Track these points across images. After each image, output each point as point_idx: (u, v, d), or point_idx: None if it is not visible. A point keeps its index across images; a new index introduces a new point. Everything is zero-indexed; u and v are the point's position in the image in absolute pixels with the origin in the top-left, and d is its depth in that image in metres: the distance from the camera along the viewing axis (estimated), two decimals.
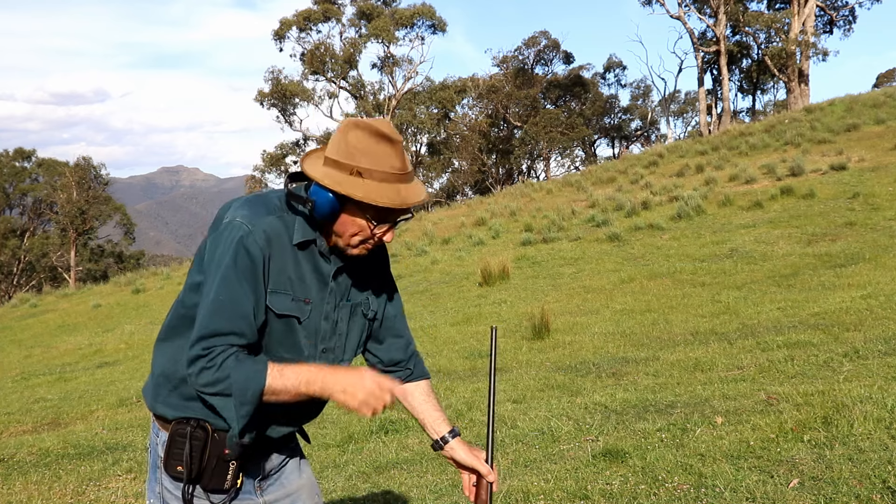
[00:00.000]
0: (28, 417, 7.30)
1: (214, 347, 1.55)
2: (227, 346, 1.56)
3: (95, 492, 4.35)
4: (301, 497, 1.83)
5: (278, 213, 1.66)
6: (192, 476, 1.64)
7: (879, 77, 55.51)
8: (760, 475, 3.31)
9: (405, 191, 1.63)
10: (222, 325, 1.56)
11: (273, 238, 1.63)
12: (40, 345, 15.46)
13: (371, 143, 1.60)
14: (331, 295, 1.73)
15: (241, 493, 1.72)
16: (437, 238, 18.67)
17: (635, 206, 16.50)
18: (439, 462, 4.20)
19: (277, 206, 1.67)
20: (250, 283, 1.59)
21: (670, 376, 5.52)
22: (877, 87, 38.27)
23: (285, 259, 1.65)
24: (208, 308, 1.57)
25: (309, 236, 1.67)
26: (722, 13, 33.69)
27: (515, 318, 9.46)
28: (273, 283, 1.63)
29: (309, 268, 1.69)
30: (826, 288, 8.37)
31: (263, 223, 1.62)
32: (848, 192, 13.91)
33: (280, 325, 1.66)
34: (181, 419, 1.65)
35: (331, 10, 40.97)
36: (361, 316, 1.81)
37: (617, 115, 51.79)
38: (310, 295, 1.69)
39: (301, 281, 1.67)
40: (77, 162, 44.99)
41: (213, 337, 1.55)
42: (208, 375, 1.54)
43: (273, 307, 1.63)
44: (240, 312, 1.57)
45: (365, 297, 1.82)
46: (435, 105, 43.19)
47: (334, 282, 1.73)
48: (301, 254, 1.67)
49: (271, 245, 1.62)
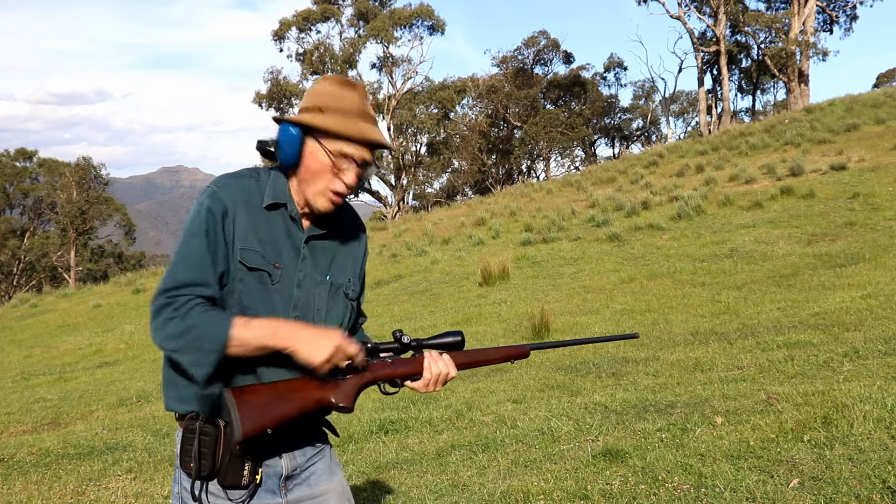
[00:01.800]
0: (28, 417, 7.29)
1: (179, 297, 1.55)
2: (192, 297, 1.55)
3: (95, 492, 4.35)
4: (329, 501, 1.78)
5: (248, 179, 1.70)
6: (202, 473, 1.62)
7: (879, 77, 55.53)
8: (760, 475, 3.31)
9: (364, 126, 1.67)
10: (186, 276, 1.57)
11: (240, 198, 1.66)
12: (40, 345, 15.46)
13: (334, 88, 1.69)
14: (303, 262, 1.72)
15: (263, 490, 1.69)
16: (437, 238, 18.67)
17: (635, 206, 16.50)
18: (439, 462, 4.21)
19: (247, 174, 1.72)
20: (212, 237, 1.61)
21: (670, 376, 5.52)
22: (877, 87, 38.27)
23: (255, 220, 1.67)
24: (172, 262, 1.60)
25: (280, 199, 1.70)
26: (722, 13, 33.68)
27: (515, 318, 9.45)
28: (242, 240, 1.64)
29: (281, 232, 1.70)
30: (826, 288, 8.37)
31: (231, 184, 1.67)
32: (848, 192, 13.91)
33: (253, 279, 1.65)
34: (192, 415, 1.64)
35: (330, 11, 40.96)
36: (343, 297, 1.80)
37: (617, 115, 51.80)
38: (280, 260, 1.69)
39: (272, 245, 1.68)
40: (77, 162, 45.00)
41: (178, 288, 1.56)
42: (173, 326, 1.53)
43: (245, 261, 1.64)
44: (202, 263, 1.59)
45: (347, 279, 1.81)
46: (435, 105, 43.16)
47: (306, 248, 1.73)
48: (272, 216, 1.69)
49: (238, 204, 1.65)
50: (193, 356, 1.53)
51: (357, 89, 1.69)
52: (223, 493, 1.65)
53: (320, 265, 1.76)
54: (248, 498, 1.66)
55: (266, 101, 41.45)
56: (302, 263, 1.72)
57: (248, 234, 1.65)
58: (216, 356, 1.53)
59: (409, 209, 42.45)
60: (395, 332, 1.74)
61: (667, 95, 49.12)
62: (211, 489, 1.65)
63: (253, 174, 1.72)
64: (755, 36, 35.53)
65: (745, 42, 39.19)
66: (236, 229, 1.64)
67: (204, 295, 1.57)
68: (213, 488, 1.65)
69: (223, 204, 1.63)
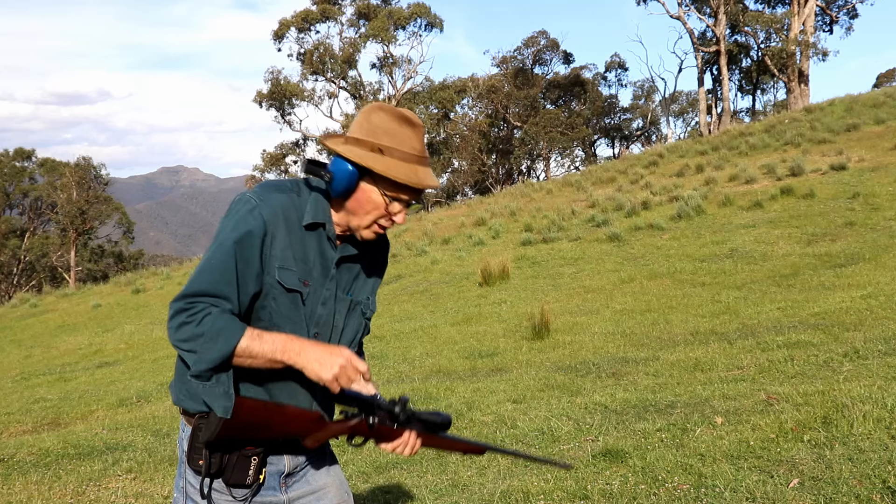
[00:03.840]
0: (28, 417, 7.29)
1: (197, 304, 1.55)
2: (210, 306, 1.55)
3: (95, 492, 4.35)
4: (328, 494, 1.81)
5: (290, 193, 1.69)
6: (210, 470, 1.64)
7: (879, 77, 55.52)
8: (760, 475, 3.31)
9: (422, 173, 1.67)
10: (210, 286, 1.56)
11: (281, 214, 1.65)
12: (40, 345, 15.46)
13: (394, 125, 1.65)
14: (331, 282, 1.74)
15: (265, 488, 1.71)
16: (437, 238, 18.66)
17: (635, 206, 16.50)
18: (439, 462, 4.21)
19: (289, 187, 1.71)
20: (246, 255, 1.60)
21: (670, 376, 5.52)
22: (877, 87, 38.27)
23: (292, 237, 1.67)
24: (200, 268, 1.59)
25: (319, 219, 1.69)
26: (722, 13, 33.68)
27: (515, 318, 9.45)
28: (280, 259, 1.64)
29: (314, 251, 1.70)
30: (826, 288, 8.37)
31: (273, 199, 1.66)
32: (848, 192, 13.90)
33: (288, 300, 1.67)
34: (204, 413, 1.65)
35: (329, 11, 40.96)
36: (360, 314, 1.83)
37: (617, 116, 51.81)
38: (310, 278, 1.70)
39: (304, 262, 1.69)
40: (77, 162, 44.99)
41: (199, 295, 1.56)
42: (187, 331, 1.53)
43: (283, 282, 1.64)
44: (228, 279, 1.58)
45: (366, 297, 1.83)
46: (435, 105, 43.17)
47: (336, 270, 1.74)
48: (308, 235, 1.69)
49: (278, 221, 1.64)
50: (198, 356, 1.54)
51: (416, 129, 1.67)
52: (227, 490, 1.67)
53: (344, 282, 1.77)
54: (251, 496, 1.69)
55: (267, 100, 41.45)
56: (330, 283, 1.74)
57: (286, 252, 1.66)
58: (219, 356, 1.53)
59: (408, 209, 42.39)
60: (403, 398, 1.70)
61: (667, 95, 49.18)
62: (215, 486, 1.67)
63: (294, 188, 1.71)
64: (755, 36, 35.52)
65: (745, 42, 39.19)
66: (274, 248, 1.64)
67: (224, 308, 1.58)
68: (217, 485, 1.67)
69: (263, 223, 1.62)
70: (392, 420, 1.69)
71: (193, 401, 1.66)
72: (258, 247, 1.61)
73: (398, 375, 7.22)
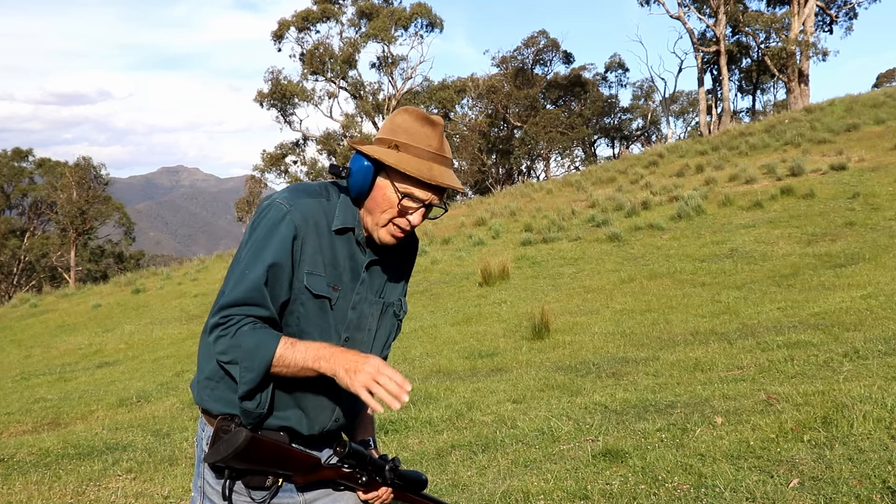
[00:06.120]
0: (28, 417, 7.29)
1: (232, 316, 1.57)
2: (245, 317, 1.57)
3: (95, 492, 4.35)
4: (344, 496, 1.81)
5: (319, 198, 1.70)
6: (231, 473, 1.65)
7: (879, 77, 55.53)
8: (760, 475, 3.31)
9: (437, 170, 1.65)
10: (244, 295, 1.58)
11: (311, 220, 1.66)
12: (40, 345, 15.45)
13: (414, 124, 1.67)
14: (361, 285, 1.74)
15: (282, 490, 1.72)
16: (437, 238, 18.66)
17: (635, 206, 16.50)
18: (439, 462, 4.21)
19: (318, 191, 1.71)
20: (279, 261, 1.61)
21: (670, 376, 5.52)
22: (877, 87, 38.28)
23: (322, 242, 1.68)
24: (235, 279, 1.61)
25: (349, 223, 1.70)
26: (722, 13, 33.68)
27: (515, 318, 9.45)
28: (309, 264, 1.65)
29: (344, 255, 1.71)
30: (826, 288, 8.37)
31: (303, 204, 1.66)
32: (848, 192, 13.91)
33: (315, 306, 1.67)
34: (226, 415, 1.65)
35: (330, 10, 40.96)
36: (392, 316, 1.83)
37: (617, 116, 51.81)
38: (340, 282, 1.70)
39: (333, 267, 1.69)
40: (77, 162, 45.00)
41: (234, 307, 1.58)
42: (223, 343, 1.56)
43: (311, 287, 1.65)
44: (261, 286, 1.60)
45: (397, 298, 1.84)
46: (435, 105, 43.16)
47: (366, 273, 1.75)
48: (338, 240, 1.70)
49: (308, 226, 1.65)
50: (240, 371, 1.56)
51: (436, 127, 1.67)
52: (246, 492, 1.68)
53: (375, 285, 1.78)
54: (269, 497, 1.70)
55: (267, 100, 41.46)
56: (360, 287, 1.74)
57: (316, 257, 1.67)
58: (260, 373, 1.56)
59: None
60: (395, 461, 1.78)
61: (667, 95, 49.18)
62: (235, 487, 1.69)
63: (324, 192, 1.72)
64: (755, 36, 35.53)
65: (745, 42, 39.19)
66: (304, 253, 1.65)
67: (258, 315, 1.59)
68: (236, 486, 1.68)
69: (294, 227, 1.63)
70: (380, 478, 1.77)
71: (217, 402, 1.67)
72: (290, 252, 1.63)
73: None
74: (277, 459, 1.64)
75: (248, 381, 1.56)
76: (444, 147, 1.68)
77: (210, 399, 1.68)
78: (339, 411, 1.76)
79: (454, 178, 1.69)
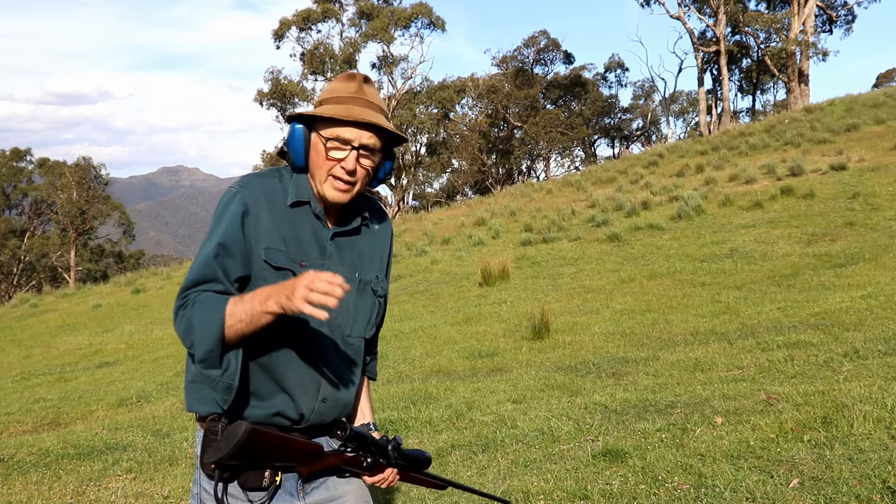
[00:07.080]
0: (28, 417, 7.29)
1: (189, 295, 1.58)
2: (199, 293, 1.58)
3: (95, 492, 4.34)
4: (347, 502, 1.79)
5: (271, 178, 1.73)
6: (223, 475, 1.62)
7: (879, 77, 55.53)
8: (760, 475, 3.31)
9: (357, 110, 1.67)
10: (198, 274, 1.60)
11: (264, 197, 1.68)
12: (40, 345, 15.45)
13: (336, 83, 1.73)
14: (330, 259, 1.74)
15: (283, 492, 1.70)
16: (437, 238, 18.66)
17: (635, 206, 16.50)
18: (439, 462, 4.21)
19: (270, 173, 1.74)
20: (230, 238, 1.62)
21: (670, 376, 5.52)
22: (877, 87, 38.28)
23: (278, 219, 1.68)
24: (193, 264, 1.63)
25: (303, 197, 1.72)
26: (722, 13, 33.68)
27: (515, 318, 9.45)
28: (266, 240, 1.66)
29: (307, 231, 1.72)
30: (826, 288, 8.37)
31: (253, 184, 1.70)
32: (848, 192, 13.91)
33: (278, 278, 1.64)
34: (214, 416, 1.64)
35: (330, 10, 40.95)
36: (371, 293, 1.82)
37: (617, 116, 51.82)
38: (306, 258, 1.69)
39: (297, 242, 1.70)
40: (77, 162, 45.01)
41: (190, 288, 1.59)
42: (183, 322, 1.56)
43: (270, 261, 1.65)
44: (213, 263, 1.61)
45: (375, 276, 1.83)
46: (434, 105, 43.17)
47: (332, 245, 1.74)
48: (297, 214, 1.71)
49: (260, 203, 1.67)
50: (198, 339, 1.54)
51: (355, 78, 1.72)
52: (243, 494, 1.65)
53: (347, 262, 1.77)
54: (267, 499, 1.67)
55: (267, 100, 41.46)
56: (328, 261, 1.73)
57: (273, 232, 1.67)
58: (217, 333, 1.53)
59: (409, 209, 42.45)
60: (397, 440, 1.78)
61: (667, 95, 49.21)
62: (231, 491, 1.65)
63: (275, 174, 1.74)
64: (755, 36, 35.51)
65: (745, 42, 39.20)
66: (259, 228, 1.66)
67: (214, 290, 1.59)
68: (233, 490, 1.65)
69: (244, 204, 1.65)
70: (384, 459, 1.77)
71: (203, 404, 1.65)
72: (241, 225, 1.64)
73: (398, 375, 7.22)
74: (279, 450, 1.61)
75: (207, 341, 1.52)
76: (366, 92, 1.71)
77: (196, 401, 1.66)
78: (324, 388, 1.73)
79: (378, 118, 1.69)
